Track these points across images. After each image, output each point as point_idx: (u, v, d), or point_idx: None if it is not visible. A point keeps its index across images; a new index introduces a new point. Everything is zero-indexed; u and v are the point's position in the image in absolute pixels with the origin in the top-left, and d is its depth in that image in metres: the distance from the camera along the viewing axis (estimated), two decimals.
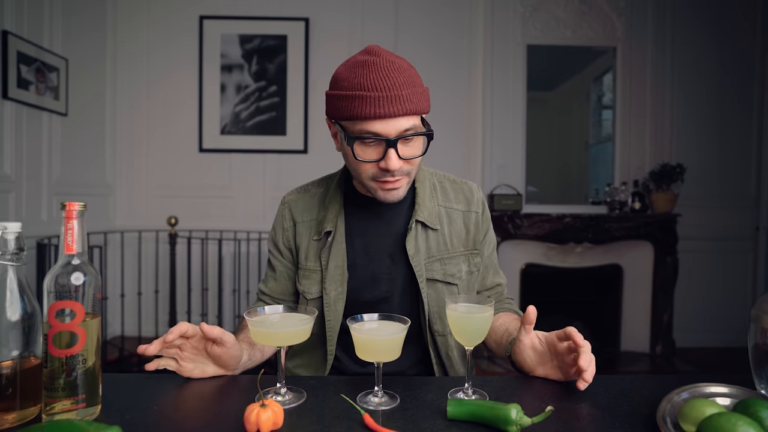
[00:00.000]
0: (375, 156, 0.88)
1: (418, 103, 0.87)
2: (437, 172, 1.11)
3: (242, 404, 0.71)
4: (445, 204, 1.05)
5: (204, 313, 3.12)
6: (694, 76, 3.51)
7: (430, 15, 3.53)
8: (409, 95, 0.85)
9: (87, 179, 3.25)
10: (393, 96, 0.83)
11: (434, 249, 1.01)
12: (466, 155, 3.56)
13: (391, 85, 0.84)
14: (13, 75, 2.57)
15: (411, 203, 1.03)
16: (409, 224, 1.00)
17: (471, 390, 0.78)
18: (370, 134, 0.86)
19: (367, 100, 0.83)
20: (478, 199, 1.08)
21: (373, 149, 0.88)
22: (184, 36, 3.50)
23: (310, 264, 1.03)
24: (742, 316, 3.47)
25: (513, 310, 1.08)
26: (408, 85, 0.86)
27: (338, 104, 0.88)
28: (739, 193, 3.55)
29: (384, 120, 0.84)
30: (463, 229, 1.05)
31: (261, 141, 3.53)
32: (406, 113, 0.85)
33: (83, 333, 0.66)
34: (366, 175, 0.91)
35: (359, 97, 0.84)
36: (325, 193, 1.07)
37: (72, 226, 0.67)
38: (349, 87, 0.86)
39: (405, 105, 0.84)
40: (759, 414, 0.61)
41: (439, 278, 1.00)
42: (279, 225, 1.09)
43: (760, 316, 0.75)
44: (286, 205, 1.09)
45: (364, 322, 0.80)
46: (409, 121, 0.86)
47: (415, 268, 0.98)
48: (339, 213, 1.02)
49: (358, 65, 0.87)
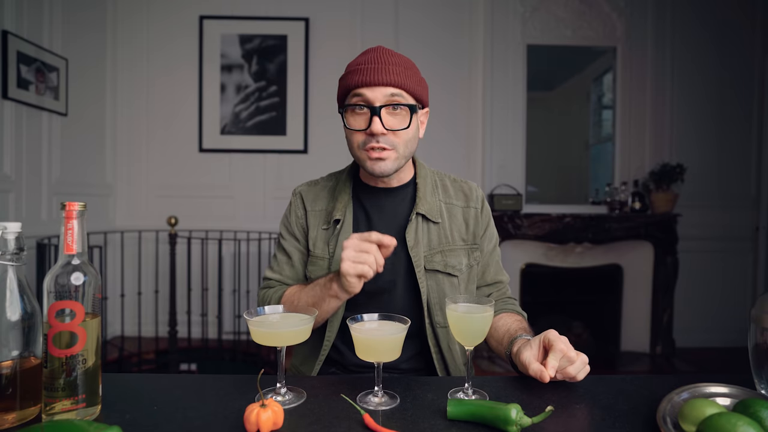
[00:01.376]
0: (363, 124, 0.97)
1: (406, 80, 0.96)
2: (439, 172, 1.15)
3: (242, 404, 0.71)
4: (445, 200, 1.10)
5: (204, 313, 3.12)
6: (694, 76, 3.51)
7: (430, 15, 3.53)
8: (398, 71, 0.96)
9: (87, 179, 3.25)
10: (380, 68, 0.95)
11: (435, 241, 1.05)
12: (466, 155, 3.56)
13: (382, 61, 0.96)
14: (13, 75, 2.57)
15: (413, 197, 1.08)
16: (411, 216, 1.04)
17: (471, 390, 0.78)
18: (358, 98, 0.96)
19: (358, 72, 0.96)
20: (477, 196, 1.12)
21: (361, 117, 0.97)
22: (184, 36, 3.50)
23: (318, 251, 1.07)
24: (742, 316, 3.47)
25: (516, 311, 1.09)
26: (398, 64, 0.97)
27: (341, 84, 1.01)
28: (739, 193, 3.55)
29: (370, 87, 0.95)
30: (463, 223, 1.09)
31: (261, 141, 3.53)
32: (391, 84, 0.95)
33: (83, 333, 0.66)
34: (357, 144, 0.99)
35: (354, 71, 0.97)
36: (334, 185, 1.12)
37: (72, 226, 0.67)
38: (350, 67, 1.00)
39: (391, 76, 0.95)
40: (759, 414, 0.61)
41: (440, 269, 1.03)
42: (292, 212, 1.13)
43: (760, 316, 0.75)
44: (297, 195, 1.14)
45: (364, 322, 0.80)
46: (393, 90, 0.95)
47: (414, 258, 1.02)
48: (348, 203, 1.07)
49: (362, 53, 1.01)
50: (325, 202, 1.10)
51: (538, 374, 0.78)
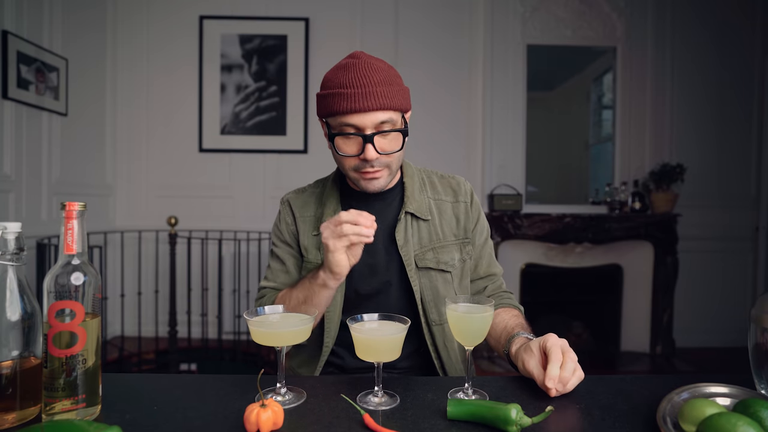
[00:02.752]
0: (354, 149, 0.95)
1: (393, 99, 0.93)
2: (425, 169, 1.16)
3: (242, 404, 0.71)
4: (434, 196, 1.10)
5: (204, 313, 3.12)
6: (694, 76, 3.51)
7: (430, 15, 3.52)
8: (385, 92, 0.92)
9: (87, 179, 3.25)
10: (368, 92, 0.91)
11: (426, 239, 1.05)
12: (466, 155, 3.56)
13: (367, 83, 0.91)
14: (13, 75, 2.57)
15: (401, 197, 1.08)
16: (399, 215, 1.05)
17: (471, 390, 0.78)
18: (348, 126, 0.93)
19: (344, 97, 0.91)
20: (466, 190, 1.12)
21: (353, 142, 0.95)
22: (184, 36, 3.50)
23: (311, 257, 1.07)
24: (742, 316, 3.47)
25: (512, 305, 1.09)
26: (384, 83, 0.93)
27: (323, 102, 0.96)
28: (739, 193, 3.55)
29: (360, 114, 0.91)
30: (453, 218, 1.09)
31: (261, 141, 3.53)
32: (381, 108, 0.91)
33: (83, 333, 0.66)
34: (349, 166, 0.98)
35: (339, 94, 0.92)
36: (321, 192, 1.13)
37: (72, 226, 0.67)
38: (332, 86, 0.94)
39: (379, 100, 0.91)
40: (759, 414, 0.61)
41: (432, 266, 1.04)
42: (282, 220, 1.13)
43: (760, 316, 0.75)
44: (285, 203, 1.15)
45: (364, 322, 0.80)
46: (385, 115, 0.93)
47: (404, 257, 1.03)
48: (336, 208, 1.07)
49: (340, 67, 0.95)
50: (314, 209, 1.10)
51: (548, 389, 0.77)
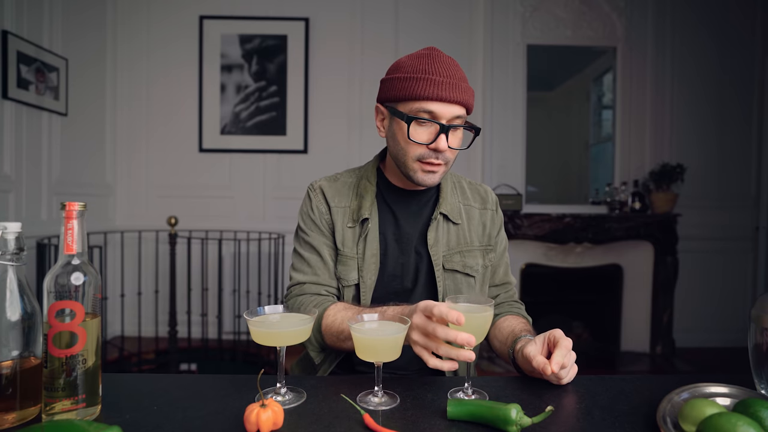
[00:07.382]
0: (426, 137, 0.95)
1: (469, 98, 0.96)
2: (455, 174, 1.17)
3: (242, 404, 0.71)
4: (464, 201, 1.12)
5: (204, 313, 3.12)
6: (694, 77, 3.51)
7: (430, 15, 3.52)
8: (465, 88, 0.95)
9: (87, 179, 3.25)
10: (453, 84, 0.93)
11: (454, 242, 1.07)
12: (466, 155, 3.56)
13: (452, 75, 0.94)
14: (13, 75, 2.57)
15: (435, 198, 1.09)
16: (434, 215, 1.05)
17: (471, 390, 0.78)
18: (426, 113, 0.93)
19: (430, 82, 0.92)
20: (493, 199, 1.15)
21: (426, 130, 0.95)
22: (184, 36, 3.50)
23: (347, 250, 1.04)
24: (742, 316, 3.47)
25: (521, 314, 1.10)
26: (464, 79, 0.96)
27: (399, 85, 0.95)
28: (739, 193, 3.55)
29: (442, 103, 0.92)
30: (480, 225, 1.11)
31: (261, 141, 3.53)
32: (461, 102, 0.94)
33: (83, 333, 0.66)
34: (413, 155, 0.97)
35: (423, 79, 0.92)
36: (356, 182, 1.10)
37: (72, 226, 0.67)
38: (413, 71, 0.94)
39: (461, 94, 0.94)
40: (759, 414, 0.61)
41: (459, 269, 1.05)
42: (314, 207, 1.07)
43: (760, 316, 0.75)
44: (317, 190, 1.09)
45: (364, 322, 0.80)
46: (461, 110, 0.95)
47: (433, 257, 1.04)
48: (374, 202, 1.06)
49: (421, 56, 0.97)
50: (348, 199, 1.07)
51: (541, 366, 0.77)
